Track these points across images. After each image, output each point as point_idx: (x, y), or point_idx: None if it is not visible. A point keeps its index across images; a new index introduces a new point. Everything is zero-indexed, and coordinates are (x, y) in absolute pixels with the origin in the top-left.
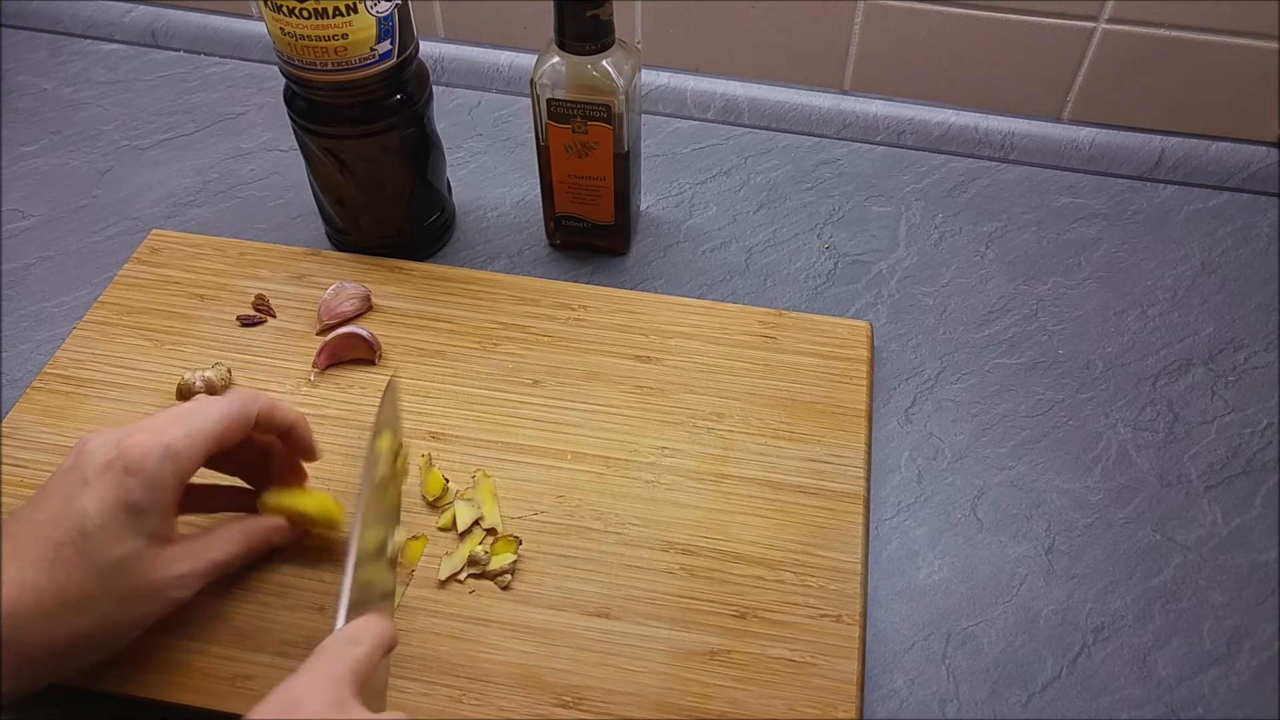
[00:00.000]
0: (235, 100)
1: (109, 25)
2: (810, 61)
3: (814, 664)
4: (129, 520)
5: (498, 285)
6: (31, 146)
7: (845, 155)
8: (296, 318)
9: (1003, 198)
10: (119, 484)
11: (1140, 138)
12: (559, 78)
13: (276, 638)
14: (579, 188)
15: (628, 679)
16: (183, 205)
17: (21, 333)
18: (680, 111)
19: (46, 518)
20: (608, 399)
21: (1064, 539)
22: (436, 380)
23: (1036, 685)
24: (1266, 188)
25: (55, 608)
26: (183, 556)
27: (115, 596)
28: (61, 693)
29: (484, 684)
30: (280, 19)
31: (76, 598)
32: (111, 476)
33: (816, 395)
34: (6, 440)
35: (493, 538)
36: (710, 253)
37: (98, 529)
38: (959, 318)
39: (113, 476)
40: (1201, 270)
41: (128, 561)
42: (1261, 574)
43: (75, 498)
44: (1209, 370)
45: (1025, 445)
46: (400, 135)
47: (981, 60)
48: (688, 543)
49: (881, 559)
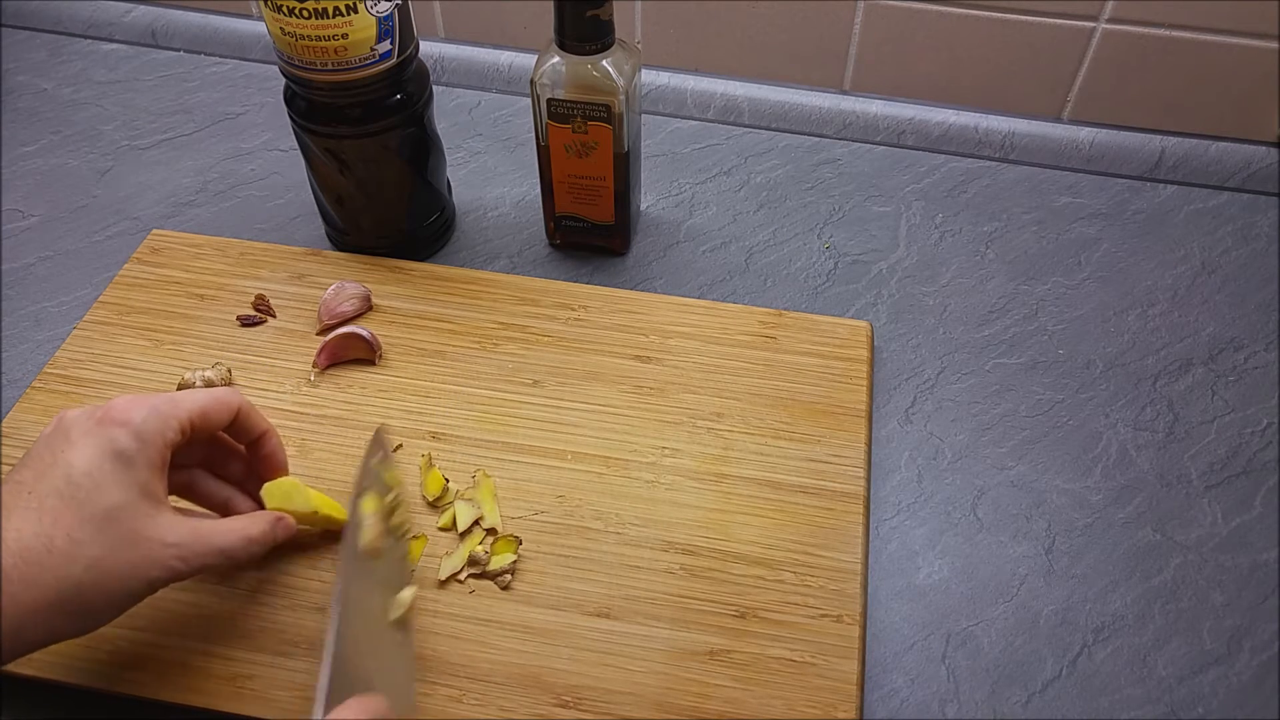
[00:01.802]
0: (235, 100)
1: (109, 25)
2: (810, 61)
3: (814, 664)
4: (116, 469)
5: (498, 285)
6: (31, 146)
7: (845, 155)
8: (296, 318)
9: (1003, 198)
10: (105, 434)
11: (1140, 138)
12: (559, 78)
13: (276, 638)
14: (579, 188)
15: (628, 679)
16: (183, 205)
17: (21, 333)
18: (680, 111)
19: (31, 475)
20: (608, 399)
21: (1064, 539)
22: (436, 380)
23: (1036, 685)
24: (1266, 188)
25: (41, 555)
26: (181, 527)
27: (105, 544)
28: (62, 693)
29: (484, 684)
30: (280, 19)
31: (64, 544)
32: (97, 429)
33: (816, 395)
34: (6, 440)
35: (493, 538)
36: (710, 253)
37: (85, 476)
38: (959, 318)
39: (98, 429)
40: (1201, 270)
41: (117, 512)
42: (1261, 574)
43: (60, 453)
44: (1209, 370)
45: (1025, 445)
46: (400, 135)
47: (981, 60)
48: (688, 543)
49: (881, 559)
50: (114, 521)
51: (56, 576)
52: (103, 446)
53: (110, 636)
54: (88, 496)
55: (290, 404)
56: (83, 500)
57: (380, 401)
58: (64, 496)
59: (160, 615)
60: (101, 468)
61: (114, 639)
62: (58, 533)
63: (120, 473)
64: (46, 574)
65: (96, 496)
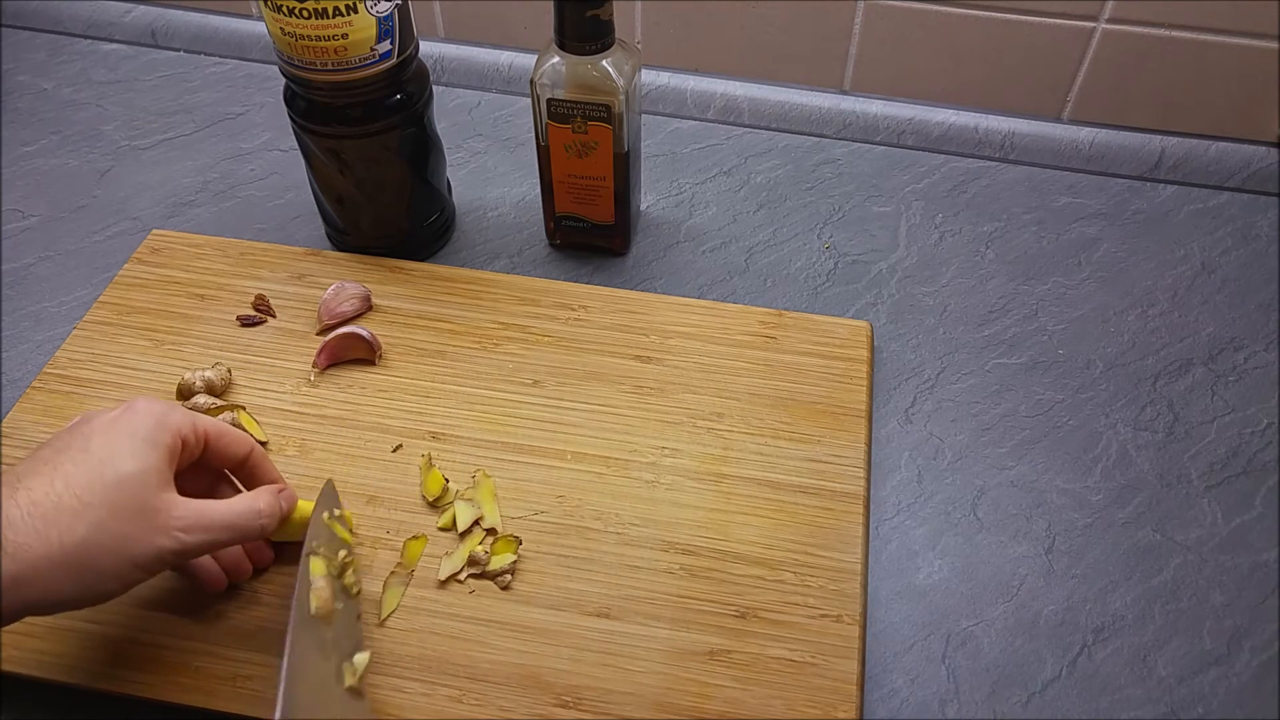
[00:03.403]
0: (235, 100)
1: (109, 25)
2: (810, 61)
3: (814, 664)
4: (133, 444)
5: (498, 285)
6: (31, 146)
7: (845, 155)
8: (296, 318)
9: (1003, 198)
10: (126, 418)
11: (1140, 138)
12: (559, 78)
13: (277, 638)
14: (579, 188)
15: (628, 679)
16: (183, 205)
17: (21, 333)
18: (680, 111)
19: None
20: (608, 399)
21: (1064, 539)
22: (436, 380)
23: (1036, 685)
24: (1266, 188)
25: (49, 511)
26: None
27: (112, 507)
28: (62, 692)
29: (484, 684)
30: (280, 19)
31: (72, 502)
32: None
33: (816, 395)
34: (6, 440)
35: (493, 538)
36: (710, 253)
37: (101, 448)
38: (959, 318)
39: (122, 415)
40: (1201, 270)
41: (128, 480)
42: (1261, 574)
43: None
44: (1209, 370)
45: (1025, 445)
46: (400, 135)
47: (981, 60)
48: (688, 543)
49: (881, 559)
50: (123, 488)
51: (60, 531)
52: (122, 427)
53: (110, 636)
54: (100, 463)
55: (290, 404)
56: (94, 466)
57: (380, 401)
58: (79, 464)
59: (160, 615)
60: (119, 441)
61: (114, 639)
62: (68, 492)
63: (136, 448)
64: (52, 529)
65: (110, 464)
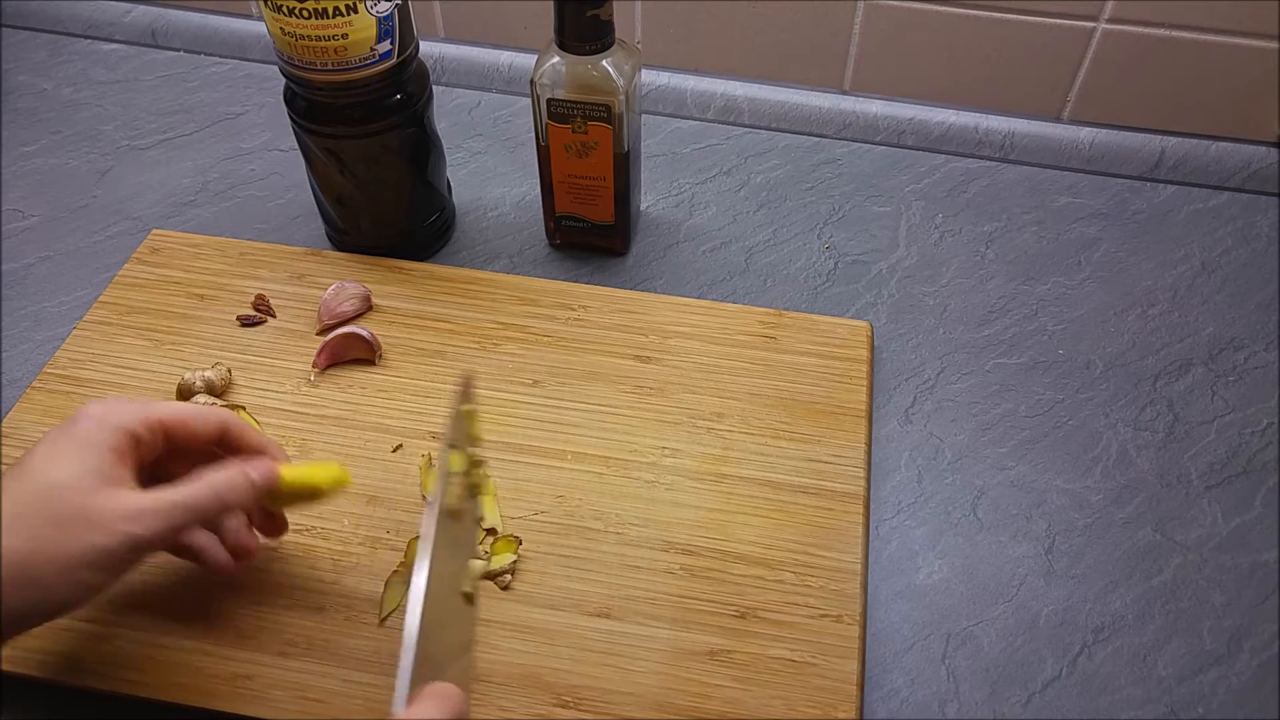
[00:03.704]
0: (235, 100)
1: (109, 25)
2: (810, 61)
3: (814, 664)
4: (69, 450)
5: (498, 285)
6: (31, 146)
7: (845, 155)
8: (296, 318)
9: (1003, 198)
10: (67, 426)
11: (1140, 138)
12: (559, 78)
13: (276, 638)
14: (579, 188)
15: (628, 679)
16: (183, 205)
17: (21, 333)
18: (680, 111)
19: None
20: (607, 399)
21: (1064, 539)
22: (436, 380)
23: (1036, 685)
24: (1266, 188)
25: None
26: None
27: (46, 516)
28: (62, 693)
29: (484, 684)
30: (280, 19)
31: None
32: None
33: (816, 395)
34: (6, 440)
35: (493, 538)
36: (710, 253)
37: (38, 460)
38: (959, 318)
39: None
40: (1201, 270)
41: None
42: (1261, 574)
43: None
44: (1209, 370)
45: (1025, 445)
46: (400, 135)
47: (981, 60)
48: (688, 543)
49: (881, 559)
50: (55, 494)
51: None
52: (61, 434)
53: (110, 636)
54: (34, 474)
55: (290, 404)
56: (29, 477)
57: (380, 401)
58: (18, 478)
59: (160, 615)
60: (56, 448)
61: (114, 639)
62: (6, 508)
63: (71, 454)
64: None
65: (42, 474)
